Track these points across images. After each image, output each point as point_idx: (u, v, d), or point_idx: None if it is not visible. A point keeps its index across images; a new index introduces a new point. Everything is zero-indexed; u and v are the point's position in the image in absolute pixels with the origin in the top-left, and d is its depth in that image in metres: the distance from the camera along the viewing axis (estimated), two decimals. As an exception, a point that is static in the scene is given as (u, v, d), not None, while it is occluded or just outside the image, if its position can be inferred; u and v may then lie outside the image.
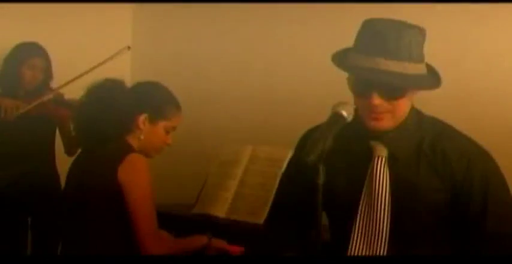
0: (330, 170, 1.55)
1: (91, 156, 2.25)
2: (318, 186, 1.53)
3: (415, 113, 1.78)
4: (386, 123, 1.70)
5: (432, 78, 1.72)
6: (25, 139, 3.33)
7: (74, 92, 2.68)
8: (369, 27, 1.69)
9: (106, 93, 2.23)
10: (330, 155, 1.54)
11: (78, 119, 2.30)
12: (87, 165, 2.24)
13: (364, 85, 1.66)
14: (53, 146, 3.46)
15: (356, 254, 1.73)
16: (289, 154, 2.64)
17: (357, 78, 1.69)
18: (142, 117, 2.23)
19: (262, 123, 3.48)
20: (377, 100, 1.65)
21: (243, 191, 2.75)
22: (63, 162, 3.36)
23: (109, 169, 2.12)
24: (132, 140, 2.24)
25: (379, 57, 1.63)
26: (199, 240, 2.29)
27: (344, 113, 1.63)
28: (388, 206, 1.71)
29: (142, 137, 2.24)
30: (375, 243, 1.72)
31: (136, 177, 2.13)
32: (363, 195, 1.75)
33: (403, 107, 1.70)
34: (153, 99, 2.29)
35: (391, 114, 1.69)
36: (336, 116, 1.63)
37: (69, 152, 3.42)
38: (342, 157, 1.73)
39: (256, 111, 3.56)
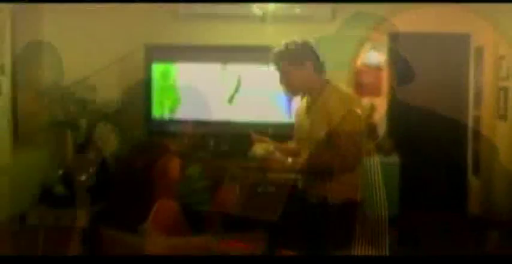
0: None
1: (137, 150, 2.44)
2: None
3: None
4: None
5: None
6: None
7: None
8: None
9: None
10: None
11: None
12: (133, 153, 2.42)
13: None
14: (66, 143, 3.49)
15: None
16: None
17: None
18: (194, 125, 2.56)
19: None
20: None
21: (259, 188, 2.74)
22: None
23: (149, 161, 2.28)
24: (173, 143, 2.47)
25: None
26: (209, 242, 2.33)
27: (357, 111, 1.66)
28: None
29: (186, 141, 2.56)
30: None
31: (168, 175, 2.30)
32: None
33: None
34: None
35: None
36: None
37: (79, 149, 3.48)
38: None
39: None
